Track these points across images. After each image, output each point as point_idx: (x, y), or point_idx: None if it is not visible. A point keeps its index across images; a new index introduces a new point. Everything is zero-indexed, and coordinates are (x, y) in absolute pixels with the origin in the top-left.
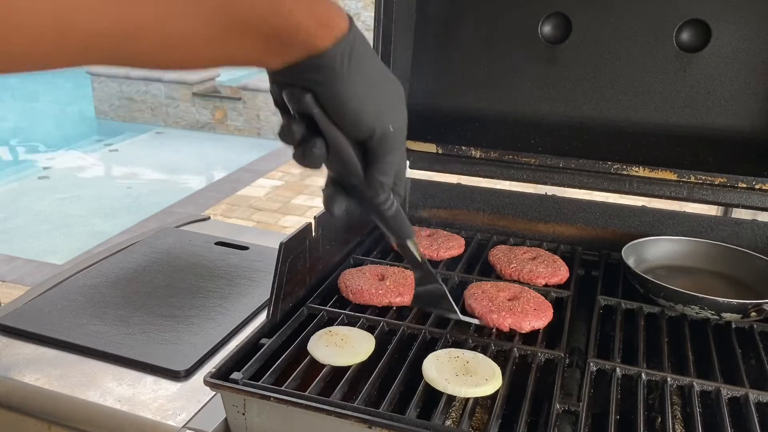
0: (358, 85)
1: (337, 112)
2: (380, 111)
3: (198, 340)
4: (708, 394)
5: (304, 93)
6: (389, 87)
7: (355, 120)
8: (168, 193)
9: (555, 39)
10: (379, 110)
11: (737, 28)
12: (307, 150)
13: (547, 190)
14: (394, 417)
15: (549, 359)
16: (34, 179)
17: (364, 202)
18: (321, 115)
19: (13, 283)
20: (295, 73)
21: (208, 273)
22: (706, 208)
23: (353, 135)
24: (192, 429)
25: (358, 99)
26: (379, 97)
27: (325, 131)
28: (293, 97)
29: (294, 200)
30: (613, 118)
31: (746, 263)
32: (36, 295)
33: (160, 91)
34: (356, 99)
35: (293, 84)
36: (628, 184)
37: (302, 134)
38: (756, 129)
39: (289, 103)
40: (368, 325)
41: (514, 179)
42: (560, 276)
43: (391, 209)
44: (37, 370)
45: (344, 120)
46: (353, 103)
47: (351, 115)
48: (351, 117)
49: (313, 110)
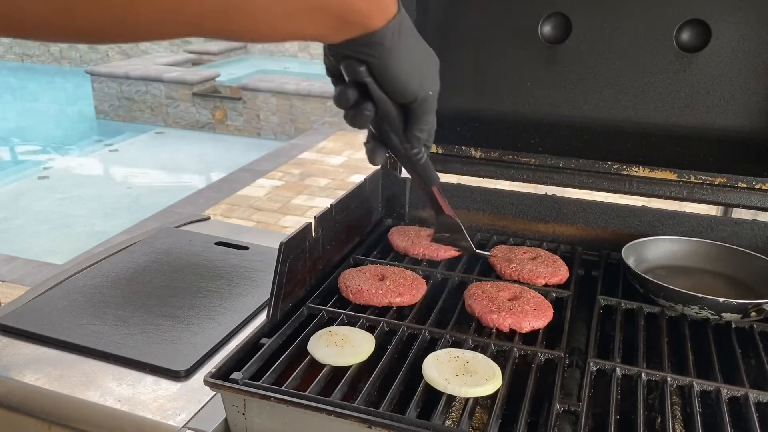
0: (405, 59)
1: (387, 82)
2: (422, 80)
3: (198, 340)
4: (708, 394)
5: (359, 65)
6: (429, 59)
7: (402, 88)
8: (168, 193)
9: (555, 39)
10: (422, 79)
11: (737, 28)
12: (359, 112)
13: (547, 190)
14: (394, 417)
15: (549, 359)
16: (34, 179)
17: (400, 154)
18: (373, 83)
19: (13, 283)
20: (352, 48)
21: (208, 273)
22: (706, 208)
23: (399, 100)
24: (192, 429)
25: (405, 71)
26: (421, 68)
27: (375, 96)
28: (350, 68)
29: (294, 200)
30: (613, 118)
31: (746, 263)
32: (36, 295)
33: (160, 91)
34: (403, 71)
35: (350, 57)
36: (628, 184)
37: (355, 99)
38: (756, 129)
39: (346, 73)
40: (368, 325)
41: (514, 179)
42: (560, 276)
43: (423, 159)
44: (37, 370)
45: (393, 87)
46: (401, 75)
47: (399, 84)
48: (399, 85)
49: (366, 79)
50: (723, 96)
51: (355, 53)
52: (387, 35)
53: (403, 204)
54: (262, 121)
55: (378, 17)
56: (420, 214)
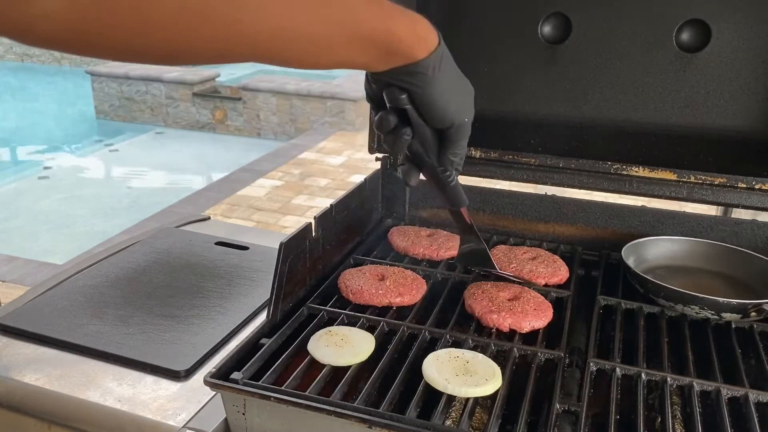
0: (444, 88)
1: (426, 109)
2: (459, 107)
3: (198, 340)
4: (708, 394)
5: (401, 92)
6: (465, 88)
7: (441, 115)
8: (168, 193)
9: (555, 39)
10: (459, 107)
11: (737, 28)
12: (399, 136)
13: (547, 190)
14: (394, 417)
15: (549, 359)
16: (34, 179)
17: (433, 175)
18: (412, 110)
19: (13, 283)
20: (395, 76)
21: (208, 273)
22: (706, 208)
23: (437, 125)
24: (192, 429)
25: (444, 99)
26: (458, 97)
27: (414, 122)
28: (392, 95)
29: (294, 200)
30: (613, 118)
31: (746, 263)
32: (36, 295)
33: (160, 91)
34: (442, 99)
35: (393, 84)
36: (628, 184)
37: (395, 124)
38: (756, 129)
39: (388, 100)
40: (368, 325)
41: (513, 179)
42: (560, 276)
43: (454, 181)
44: (37, 370)
45: (432, 114)
46: (440, 103)
47: (438, 111)
48: (437, 112)
49: (407, 106)
50: (723, 96)
51: (398, 81)
52: (429, 65)
53: (403, 204)
54: (262, 121)
55: (421, 49)
56: (420, 214)
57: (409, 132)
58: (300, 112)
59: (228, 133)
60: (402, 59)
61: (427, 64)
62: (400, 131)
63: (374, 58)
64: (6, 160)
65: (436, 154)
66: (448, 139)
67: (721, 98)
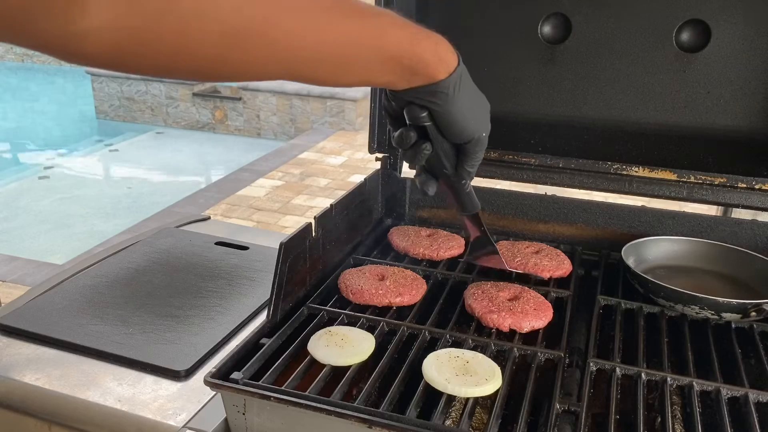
0: (463, 106)
1: (446, 125)
2: (477, 123)
3: (198, 340)
4: (708, 394)
5: (422, 110)
6: (482, 104)
7: (460, 131)
8: (168, 193)
9: (555, 39)
10: (476, 122)
11: (737, 28)
12: (419, 151)
13: (547, 190)
14: (394, 417)
15: (549, 359)
16: (34, 179)
17: (449, 184)
18: (432, 127)
19: (13, 283)
20: (415, 95)
21: (208, 273)
22: (706, 208)
23: (455, 140)
24: (192, 429)
25: (463, 116)
26: (476, 113)
27: (434, 138)
28: (412, 113)
29: (294, 200)
30: (613, 118)
31: (746, 263)
32: (36, 295)
33: (160, 91)
34: (461, 116)
35: (413, 103)
36: (628, 184)
37: (415, 139)
38: (756, 129)
39: (408, 117)
40: (368, 325)
41: (514, 179)
42: (564, 269)
43: (468, 189)
44: (37, 370)
45: (451, 130)
46: (460, 120)
47: (457, 127)
48: (456, 129)
49: (427, 123)
50: (723, 96)
51: (419, 100)
52: (450, 85)
53: (403, 204)
54: (262, 121)
55: (442, 69)
56: (420, 214)
57: (429, 147)
58: (300, 112)
59: (228, 133)
60: (424, 79)
61: (448, 84)
62: (420, 147)
63: (398, 78)
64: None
65: (454, 166)
66: (466, 153)
67: (721, 98)
